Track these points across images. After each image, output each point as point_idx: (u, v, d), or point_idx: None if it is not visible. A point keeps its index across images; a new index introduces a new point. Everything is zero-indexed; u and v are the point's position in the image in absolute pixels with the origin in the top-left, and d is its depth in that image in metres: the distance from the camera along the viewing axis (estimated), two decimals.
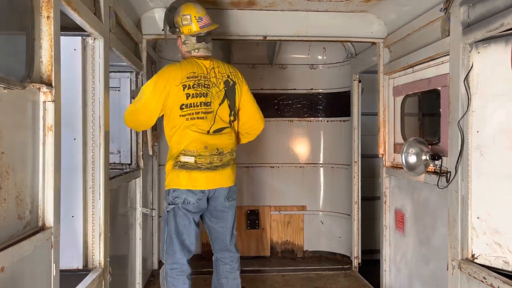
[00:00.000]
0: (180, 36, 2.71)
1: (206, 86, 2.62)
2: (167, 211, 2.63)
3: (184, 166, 2.57)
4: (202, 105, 2.60)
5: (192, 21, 2.66)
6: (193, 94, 2.56)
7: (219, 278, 2.90)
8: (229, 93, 2.73)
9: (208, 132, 2.62)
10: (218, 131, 2.67)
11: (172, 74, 2.55)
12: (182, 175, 2.57)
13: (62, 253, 1.66)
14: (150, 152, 3.74)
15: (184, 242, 2.63)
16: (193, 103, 2.57)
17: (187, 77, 2.56)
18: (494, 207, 2.21)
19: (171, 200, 2.61)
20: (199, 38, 2.68)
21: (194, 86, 2.57)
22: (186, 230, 2.63)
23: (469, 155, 2.29)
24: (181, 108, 2.55)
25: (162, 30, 2.90)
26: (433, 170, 2.70)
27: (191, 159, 2.56)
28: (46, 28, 1.54)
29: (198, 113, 2.59)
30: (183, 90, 2.54)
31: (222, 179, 2.68)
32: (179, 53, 2.82)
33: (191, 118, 2.57)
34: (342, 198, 4.67)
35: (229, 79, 2.74)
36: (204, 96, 2.60)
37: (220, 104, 2.68)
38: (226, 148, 2.69)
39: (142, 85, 3.37)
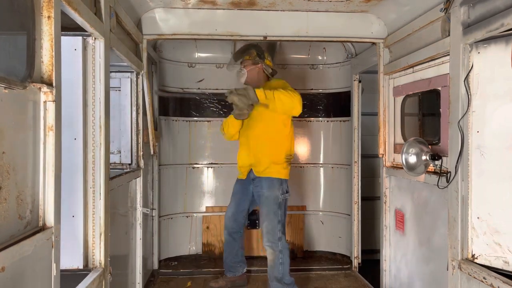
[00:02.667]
0: (260, 64, 3.50)
1: None
2: (285, 198, 3.42)
3: (290, 163, 3.51)
4: None
5: (271, 61, 3.66)
6: None
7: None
8: None
9: None
10: None
11: None
12: (288, 169, 3.48)
13: (62, 253, 1.67)
14: (152, 152, 3.74)
15: None
16: None
17: None
18: (494, 207, 2.21)
19: (287, 187, 3.44)
20: (272, 72, 3.63)
21: None
22: None
23: (469, 155, 2.30)
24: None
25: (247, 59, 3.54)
26: (433, 170, 2.70)
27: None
28: (47, 28, 1.54)
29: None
30: None
31: None
32: (255, 77, 3.51)
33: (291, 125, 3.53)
34: (342, 198, 4.67)
35: None
36: None
37: None
38: None
39: (142, 86, 3.41)
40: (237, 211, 3.65)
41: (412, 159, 2.70)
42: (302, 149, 4.87)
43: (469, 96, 2.28)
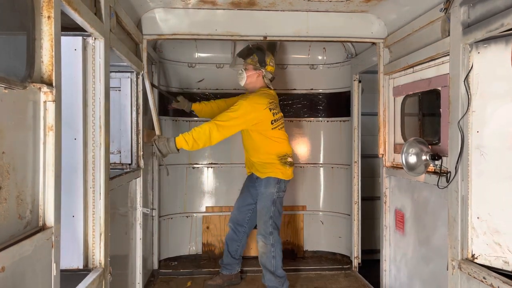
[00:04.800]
0: (260, 70, 3.60)
1: (277, 106, 3.63)
2: (279, 197, 3.55)
3: (290, 164, 3.61)
4: (281, 118, 3.62)
5: (274, 65, 3.71)
6: (274, 112, 3.52)
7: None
8: None
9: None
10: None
11: (261, 100, 3.46)
12: (289, 170, 3.60)
13: (62, 253, 1.67)
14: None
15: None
16: (277, 119, 3.54)
17: (269, 102, 3.49)
18: (494, 207, 2.21)
19: (283, 187, 3.57)
20: (272, 76, 3.71)
21: (273, 108, 3.52)
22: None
23: (469, 155, 2.30)
24: (272, 123, 3.49)
25: (243, 60, 3.64)
26: (433, 170, 2.70)
27: (291, 159, 3.63)
28: (47, 28, 1.54)
29: (281, 124, 3.60)
30: (270, 111, 3.48)
31: None
32: (253, 82, 3.63)
33: (279, 129, 3.57)
34: (342, 198, 4.67)
35: None
36: (280, 113, 3.62)
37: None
38: None
39: (142, 86, 3.41)
40: (243, 203, 3.84)
41: (412, 159, 2.70)
42: (302, 149, 4.87)
43: (469, 96, 2.28)
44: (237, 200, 3.92)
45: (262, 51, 3.64)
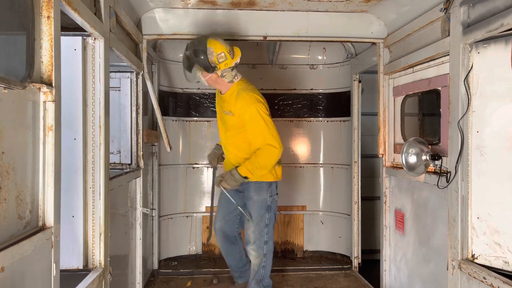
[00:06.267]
0: (215, 72, 3.08)
1: None
2: (273, 201, 3.27)
3: (279, 162, 3.27)
4: None
5: (227, 57, 3.06)
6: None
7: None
8: None
9: None
10: None
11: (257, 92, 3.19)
12: (279, 170, 3.30)
13: (62, 253, 1.67)
14: (168, 149, 3.68)
15: None
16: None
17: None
18: (494, 207, 2.21)
19: (275, 190, 3.29)
20: (233, 67, 3.14)
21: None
22: None
23: (469, 155, 2.30)
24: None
25: (193, 78, 3.18)
26: (433, 170, 2.70)
27: (280, 157, 3.23)
28: (47, 28, 1.54)
29: None
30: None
31: None
32: (217, 82, 3.18)
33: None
34: (342, 198, 4.67)
35: None
36: None
37: None
38: None
39: (142, 85, 3.41)
40: (227, 211, 3.44)
41: (412, 159, 2.70)
42: (302, 149, 4.87)
43: (469, 96, 2.28)
44: (220, 206, 3.49)
45: (202, 55, 3.02)
